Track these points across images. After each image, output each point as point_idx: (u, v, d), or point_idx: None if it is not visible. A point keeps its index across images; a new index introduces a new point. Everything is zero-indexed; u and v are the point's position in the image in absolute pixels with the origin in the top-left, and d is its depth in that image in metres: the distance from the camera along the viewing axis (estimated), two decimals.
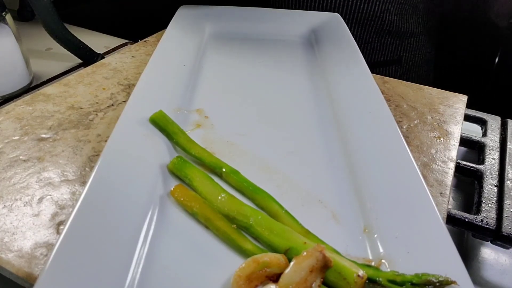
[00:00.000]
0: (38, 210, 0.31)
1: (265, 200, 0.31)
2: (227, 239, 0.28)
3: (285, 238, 0.27)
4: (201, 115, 0.41)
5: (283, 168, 0.35)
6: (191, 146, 0.35)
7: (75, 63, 0.58)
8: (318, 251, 0.24)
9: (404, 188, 0.30)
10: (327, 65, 0.49)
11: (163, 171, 0.33)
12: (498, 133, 0.46)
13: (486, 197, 0.38)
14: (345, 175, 0.34)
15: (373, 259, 0.27)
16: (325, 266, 0.24)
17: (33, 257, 0.28)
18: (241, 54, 0.53)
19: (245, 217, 0.28)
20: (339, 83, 0.45)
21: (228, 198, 0.30)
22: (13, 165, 0.35)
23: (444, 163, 0.39)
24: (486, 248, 0.40)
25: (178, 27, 0.54)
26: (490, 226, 0.35)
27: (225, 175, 0.33)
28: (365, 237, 0.29)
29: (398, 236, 0.27)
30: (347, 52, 0.50)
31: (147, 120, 0.36)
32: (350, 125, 0.39)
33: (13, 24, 0.49)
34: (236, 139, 0.38)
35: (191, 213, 0.29)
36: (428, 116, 0.46)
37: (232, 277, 0.24)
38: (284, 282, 0.24)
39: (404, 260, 0.26)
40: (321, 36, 0.56)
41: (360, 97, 0.42)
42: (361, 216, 0.30)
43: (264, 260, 0.25)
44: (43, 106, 0.43)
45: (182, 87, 0.44)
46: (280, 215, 0.29)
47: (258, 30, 0.58)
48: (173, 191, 0.30)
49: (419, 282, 0.23)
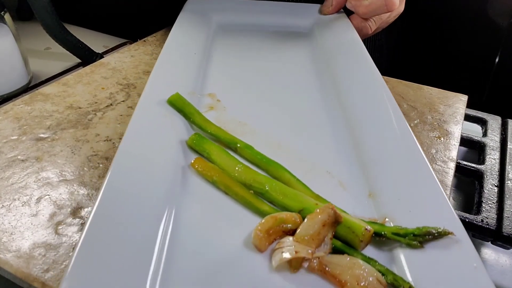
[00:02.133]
0: (37, 210, 0.31)
1: (278, 170, 0.33)
2: (246, 202, 0.31)
3: (298, 201, 0.30)
4: (213, 99, 0.43)
5: (292, 144, 0.37)
6: (207, 125, 0.38)
7: (74, 63, 0.57)
8: (330, 208, 0.27)
9: (404, 157, 0.33)
10: (330, 53, 0.51)
11: (183, 147, 0.35)
12: (498, 133, 0.46)
13: (487, 197, 0.38)
14: (350, 149, 0.36)
15: (378, 218, 0.30)
16: (336, 221, 0.27)
17: (31, 257, 0.27)
18: (248, 44, 0.56)
19: (260, 184, 0.31)
20: (340, 67, 0.47)
21: (244, 168, 0.33)
22: (11, 165, 0.35)
23: (444, 163, 0.39)
24: (486, 249, 0.40)
25: (187, 19, 0.56)
26: (490, 226, 0.35)
27: (240, 150, 0.35)
28: (370, 200, 0.31)
29: (400, 198, 0.30)
30: (347, 40, 0.52)
31: (165, 102, 0.39)
32: (352, 104, 0.41)
33: (11, 24, 0.49)
34: (247, 120, 0.40)
35: (211, 181, 0.32)
36: (428, 116, 0.46)
37: (253, 232, 0.27)
38: (300, 234, 0.27)
39: (406, 218, 0.28)
40: (324, 27, 0.58)
41: (361, 78, 0.44)
42: (366, 183, 0.33)
43: (281, 217, 0.28)
44: (41, 105, 0.43)
45: (194, 73, 0.46)
46: (292, 183, 0.32)
47: (263, 22, 0.60)
48: (193, 163, 0.33)
49: (420, 233, 0.26)
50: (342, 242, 0.28)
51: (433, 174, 0.31)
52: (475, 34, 0.80)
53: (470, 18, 0.79)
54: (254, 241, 0.27)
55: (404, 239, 0.27)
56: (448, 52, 0.82)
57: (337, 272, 0.25)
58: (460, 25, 0.80)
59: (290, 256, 0.25)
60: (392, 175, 0.32)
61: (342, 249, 0.27)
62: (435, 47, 0.84)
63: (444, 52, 0.84)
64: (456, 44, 0.82)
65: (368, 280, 0.25)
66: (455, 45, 0.82)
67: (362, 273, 0.25)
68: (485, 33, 0.78)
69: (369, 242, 0.28)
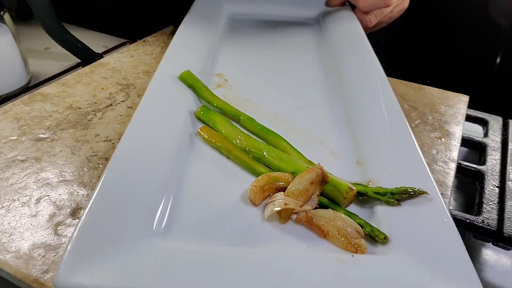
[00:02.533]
0: (36, 211, 0.31)
1: (276, 139, 0.37)
2: (244, 165, 0.34)
3: (291, 164, 0.33)
4: (221, 78, 0.47)
5: (291, 119, 0.41)
6: (214, 99, 0.41)
7: (74, 63, 0.57)
8: (318, 168, 0.30)
9: (390, 127, 0.37)
10: (332, 42, 0.55)
11: (191, 117, 0.39)
12: (499, 134, 0.46)
13: (488, 198, 0.38)
14: (343, 124, 0.40)
15: (362, 181, 0.33)
16: (323, 180, 0.30)
17: (31, 258, 0.27)
18: (256, 31, 0.60)
19: (259, 150, 0.35)
20: (341, 55, 0.51)
21: (245, 137, 0.37)
22: (10, 165, 0.35)
23: (445, 163, 0.39)
24: (487, 249, 0.40)
25: (199, 9, 0.60)
26: (491, 227, 0.35)
27: (243, 122, 0.39)
28: (357, 167, 0.35)
29: (383, 164, 0.33)
30: (349, 29, 0.56)
31: (177, 78, 0.43)
32: (348, 85, 0.45)
33: (11, 24, 0.49)
34: (251, 97, 0.44)
35: (215, 147, 0.36)
36: (429, 116, 0.45)
37: (249, 188, 0.31)
38: (290, 190, 0.30)
39: (387, 180, 0.32)
40: (328, 18, 0.62)
41: (360, 64, 0.47)
42: (354, 153, 0.36)
43: (275, 175, 0.31)
44: (41, 106, 0.43)
45: (205, 54, 0.50)
46: (288, 151, 0.36)
47: (272, 12, 0.65)
48: (200, 131, 0.37)
49: (397, 192, 0.30)
50: (328, 199, 0.31)
51: (415, 143, 0.34)
52: (476, 35, 0.80)
53: (471, 18, 0.79)
54: (250, 195, 0.31)
55: (384, 197, 0.30)
56: (449, 53, 0.82)
57: (321, 223, 0.28)
58: (461, 25, 0.80)
59: (280, 207, 0.29)
60: (378, 145, 0.35)
61: (328, 205, 0.30)
62: (436, 48, 0.84)
63: (445, 52, 0.84)
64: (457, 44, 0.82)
65: (347, 230, 0.28)
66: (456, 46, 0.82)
67: (343, 224, 0.28)
68: (486, 33, 0.78)
69: (352, 200, 0.31)
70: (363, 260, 0.26)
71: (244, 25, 0.61)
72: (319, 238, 0.28)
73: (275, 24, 0.62)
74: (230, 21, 0.62)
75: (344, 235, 0.28)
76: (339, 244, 0.27)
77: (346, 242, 0.27)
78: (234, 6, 0.64)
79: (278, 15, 0.64)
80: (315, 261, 0.26)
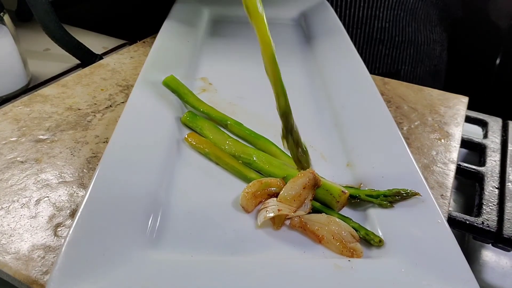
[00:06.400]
0: (36, 212, 0.31)
1: (265, 144, 0.36)
2: (235, 171, 0.34)
3: (282, 169, 0.33)
4: (205, 82, 0.47)
5: (278, 122, 0.40)
6: (200, 104, 0.40)
7: (73, 64, 0.57)
8: (310, 172, 0.30)
9: (379, 129, 0.37)
10: (315, 43, 0.55)
11: (178, 123, 0.38)
12: (499, 135, 0.46)
13: (487, 199, 0.38)
14: (331, 127, 0.40)
15: (354, 184, 0.33)
16: (315, 185, 0.30)
17: (31, 259, 0.27)
18: (238, 34, 0.59)
19: (248, 155, 0.34)
20: (325, 55, 0.51)
21: (234, 142, 0.36)
22: (10, 166, 0.35)
23: (445, 165, 0.39)
24: (487, 251, 0.40)
25: (178, 13, 0.58)
26: (491, 228, 0.35)
27: (230, 127, 0.38)
28: (348, 169, 0.35)
29: (374, 167, 0.33)
30: (332, 31, 0.56)
31: (160, 83, 0.41)
32: (335, 87, 0.45)
33: (11, 25, 0.49)
34: (237, 101, 0.43)
35: (203, 153, 0.35)
36: (429, 117, 0.45)
37: (241, 194, 0.30)
38: (283, 195, 0.30)
39: (379, 182, 0.32)
40: (310, 19, 0.62)
41: (344, 65, 0.47)
42: (344, 155, 0.36)
43: (266, 181, 0.31)
44: (40, 107, 0.43)
45: (187, 59, 0.49)
46: (278, 155, 0.35)
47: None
48: (187, 137, 0.36)
49: (390, 194, 0.29)
50: (321, 204, 0.31)
51: (404, 145, 0.34)
52: (476, 36, 0.80)
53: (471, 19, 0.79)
54: (242, 202, 0.30)
55: (376, 199, 0.30)
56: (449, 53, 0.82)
57: (316, 228, 0.28)
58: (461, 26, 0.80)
59: (274, 213, 0.28)
60: (368, 147, 0.35)
61: (321, 210, 0.30)
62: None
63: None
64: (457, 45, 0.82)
65: (342, 234, 0.28)
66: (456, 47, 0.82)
67: (337, 228, 0.28)
68: (486, 34, 0.78)
69: (345, 203, 0.31)
70: (361, 264, 0.26)
71: (226, 28, 0.60)
72: (314, 244, 0.28)
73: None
74: (211, 24, 0.61)
75: (339, 239, 0.27)
76: (335, 249, 0.27)
77: (341, 247, 0.27)
78: (214, 9, 0.63)
79: None
80: (313, 268, 0.26)
